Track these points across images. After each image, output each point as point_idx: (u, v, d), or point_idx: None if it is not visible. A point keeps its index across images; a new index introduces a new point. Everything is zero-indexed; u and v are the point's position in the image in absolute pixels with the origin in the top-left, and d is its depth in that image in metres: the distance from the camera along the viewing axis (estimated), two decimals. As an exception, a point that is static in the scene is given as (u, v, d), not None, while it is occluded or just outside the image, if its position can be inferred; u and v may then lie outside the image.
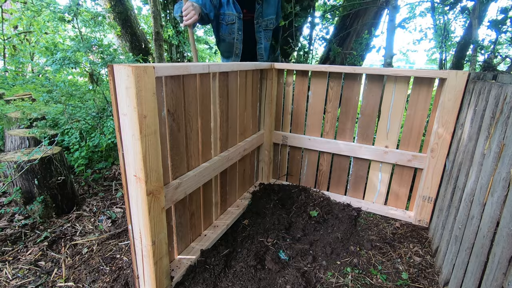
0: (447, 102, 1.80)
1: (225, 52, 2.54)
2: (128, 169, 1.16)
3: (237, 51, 2.48)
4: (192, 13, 1.96)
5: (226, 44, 2.46)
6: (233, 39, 2.41)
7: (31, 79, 2.96)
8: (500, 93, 1.18)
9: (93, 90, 2.97)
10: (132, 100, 1.04)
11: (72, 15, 2.72)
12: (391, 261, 1.71)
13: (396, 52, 4.68)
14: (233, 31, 2.38)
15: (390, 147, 2.13)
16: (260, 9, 2.38)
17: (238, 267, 1.57)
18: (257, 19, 2.41)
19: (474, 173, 1.31)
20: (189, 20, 1.96)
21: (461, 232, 1.35)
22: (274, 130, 2.50)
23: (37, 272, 1.58)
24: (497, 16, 2.54)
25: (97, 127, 2.81)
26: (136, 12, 5.36)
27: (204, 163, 1.66)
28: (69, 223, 2.01)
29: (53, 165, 2.01)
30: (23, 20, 5.91)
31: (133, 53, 4.71)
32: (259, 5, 2.36)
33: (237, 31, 2.38)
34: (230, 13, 2.32)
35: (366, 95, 2.14)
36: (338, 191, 2.42)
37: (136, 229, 1.25)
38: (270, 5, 2.43)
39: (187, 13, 1.96)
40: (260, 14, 2.40)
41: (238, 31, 2.38)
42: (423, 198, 1.99)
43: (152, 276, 1.29)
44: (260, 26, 2.44)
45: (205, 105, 1.60)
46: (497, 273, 0.97)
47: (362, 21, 3.54)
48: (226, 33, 2.40)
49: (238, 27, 2.37)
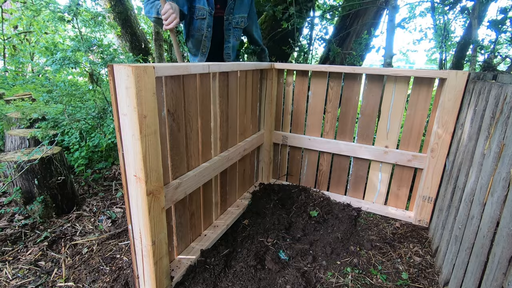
0: (447, 102, 1.80)
1: (192, 49, 2.38)
2: (128, 169, 1.16)
3: (204, 50, 2.32)
4: (172, 16, 1.80)
5: (194, 41, 2.30)
6: (202, 35, 2.25)
7: (31, 79, 2.96)
8: (500, 93, 1.18)
9: (93, 90, 2.97)
10: (132, 100, 1.04)
11: (72, 15, 2.72)
12: (391, 261, 1.71)
13: (396, 52, 4.68)
14: (202, 28, 2.22)
15: (390, 147, 2.13)
16: (232, 5, 2.23)
17: (238, 267, 1.57)
18: (228, 15, 2.26)
19: (474, 173, 1.31)
20: (170, 24, 1.81)
21: (461, 232, 1.35)
22: (274, 130, 2.50)
23: (37, 272, 1.58)
24: (497, 16, 2.54)
25: (97, 127, 2.81)
26: (136, 12, 5.36)
27: (204, 163, 1.66)
28: (69, 223, 2.01)
29: (53, 165, 2.01)
30: (23, 20, 5.91)
31: (133, 53, 4.71)
32: (232, 1, 2.22)
33: (206, 27, 2.22)
34: (202, 7, 2.16)
35: (366, 95, 2.14)
36: (338, 191, 2.42)
37: (136, 229, 1.25)
38: (243, 4, 2.31)
39: (167, 16, 1.80)
40: (231, 11, 2.26)
41: (207, 28, 2.22)
42: (423, 198, 1.99)
43: (152, 276, 1.29)
44: (230, 23, 2.29)
45: (205, 105, 1.60)
46: (497, 273, 0.97)
47: (362, 21, 3.55)
48: (195, 29, 2.24)
49: (208, 23, 2.21)
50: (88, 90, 3.11)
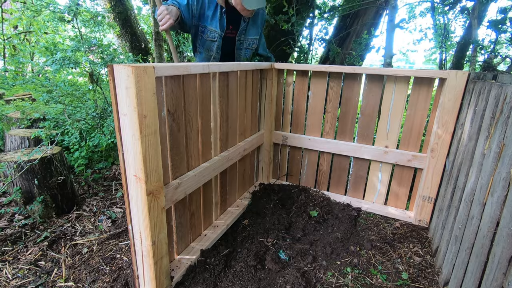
0: (447, 102, 1.80)
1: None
2: (128, 169, 1.16)
3: None
4: (166, 17, 1.83)
5: (201, 57, 2.31)
6: (210, 56, 2.27)
7: (31, 79, 2.95)
8: (500, 93, 1.18)
9: (93, 90, 2.97)
10: (132, 100, 1.04)
11: (72, 15, 2.72)
12: (391, 261, 1.71)
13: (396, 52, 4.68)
14: (212, 49, 2.23)
15: (390, 147, 2.13)
16: (245, 27, 2.25)
17: (238, 267, 1.57)
18: (240, 36, 2.27)
19: (474, 173, 1.31)
20: (163, 25, 1.84)
21: (461, 232, 1.35)
22: (274, 130, 2.50)
23: (37, 272, 1.58)
24: (496, 16, 2.54)
25: (97, 127, 2.81)
26: (136, 12, 5.36)
27: (204, 163, 1.66)
28: (69, 223, 2.01)
29: (53, 165, 2.01)
30: (23, 20, 5.91)
31: (133, 53, 4.71)
32: (245, 22, 2.24)
33: (216, 49, 2.23)
34: (213, 30, 2.16)
35: (366, 95, 2.14)
36: (338, 191, 2.42)
37: (136, 229, 1.25)
38: (256, 25, 2.32)
39: (161, 18, 1.84)
40: (244, 32, 2.28)
41: (217, 50, 2.24)
42: (423, 198, 1.99)
43: (152, 276, 1.29)
44: (242, 43, 2.32)
45: (205, 105, 1.60)
46: (497, 273, 0.97)
47: (362, 21, 3.55)
48: (203, 47, 2.25)
49: (218, 45, 2.22)
50: (88, 90, 3.11)
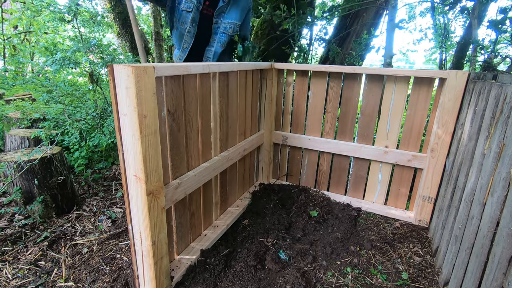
0: (447, 102, 1.80)
1: (175, 43, 2.20)
2: (128, 169, 1.16)
3: (185, 46, 2.12)
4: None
5: (177, 34, 2.13)
6: (184, 30, 2.06)
7: (31, 79, 2.96)
8: (500, 93, 1.18)
9: (93, 90, 2.97)
10: (132, 100, 1.04)
11: (72, 15, 2.72)
12: (391, 261, 1.71)
13: (396, 52, 4.68)
14: (186, 21, 2.03)
15: (390, 147, 2.13)
16: (224, 8, 2.06)
17: (238, 267, 1.57)
18: (217, 17, 2.07)
19: (474, 173, 1.31)
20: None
21: (461, 232, 1.35)
22: (274, 130, 2.50)
23: (37, 272, 1.58)
24: (496, 16, 2.54)
25: (97, 127, 2.81)
26: (136, 12, 5.37)
27: (204, 163, 1.66)
28: (69, 223, 2.01)
29: (53, 165, 2.01)
30: (23, 20, 5.91)
31: (133, 53, 4.71)
32: (224, 3, 2.04)
33: (190, 22, 2.02)
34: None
35: (366, 95, 2.14)
36: (338, 191, 2.42)
37: (136, 229, 1.25)
38: (238, 9, 2.11)
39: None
40: (222, 14, 2.08)
41: (191, 23, 2.03)
42: (423, 198, 1.99)
43: (152, 276, 1.29)
44: (218, 27, 2.11)
45: (205, 105, 1.60)
46: (497, 273, 0.97)
47: (362, 21, 3.55)
48: (179, 21, 2.06)
49: (194, 18, 2.02)
50: (88, 90, 3.11)
